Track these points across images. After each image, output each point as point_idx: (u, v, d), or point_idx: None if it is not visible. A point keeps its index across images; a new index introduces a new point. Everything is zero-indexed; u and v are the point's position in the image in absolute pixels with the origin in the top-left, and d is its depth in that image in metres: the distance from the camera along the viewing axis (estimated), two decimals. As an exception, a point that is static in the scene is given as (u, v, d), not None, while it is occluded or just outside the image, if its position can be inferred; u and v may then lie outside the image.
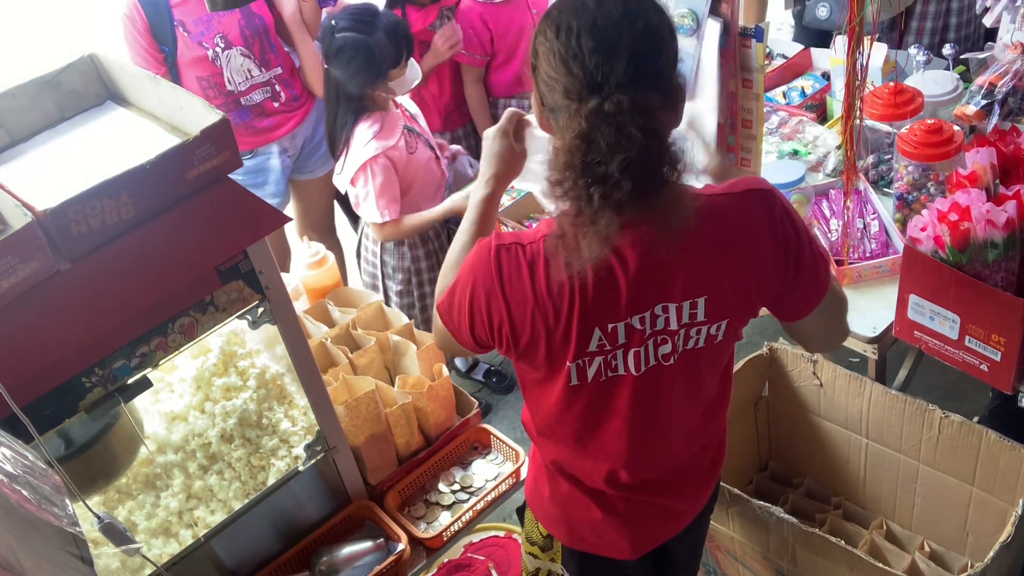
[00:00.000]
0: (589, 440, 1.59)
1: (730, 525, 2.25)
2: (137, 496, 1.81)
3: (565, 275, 1.36)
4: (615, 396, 1.52)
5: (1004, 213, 1.92)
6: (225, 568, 1.84)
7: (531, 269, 1.39)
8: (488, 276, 1.42)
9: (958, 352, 2.11)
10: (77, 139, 1.66)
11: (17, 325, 1.37)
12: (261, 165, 3.16)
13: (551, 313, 1.40)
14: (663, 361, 1.48)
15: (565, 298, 1.39)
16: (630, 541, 1.71)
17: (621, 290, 1.40)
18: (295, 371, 1.77)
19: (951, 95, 2.73)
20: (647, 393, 1.52)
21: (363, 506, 1.99)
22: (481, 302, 1.44)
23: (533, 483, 1.78)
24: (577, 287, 1.38)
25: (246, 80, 2.99)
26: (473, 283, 1.44)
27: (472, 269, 1.45)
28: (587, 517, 1.69)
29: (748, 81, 1.86)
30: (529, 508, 1.81)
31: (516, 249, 1.40)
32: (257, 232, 1.57)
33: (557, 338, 1.43)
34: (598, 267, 1.35)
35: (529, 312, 1.41)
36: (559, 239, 1.34)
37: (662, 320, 1.44)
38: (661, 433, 1.59)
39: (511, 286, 1.41)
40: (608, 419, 1.55)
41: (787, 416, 2.56)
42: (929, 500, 2.36)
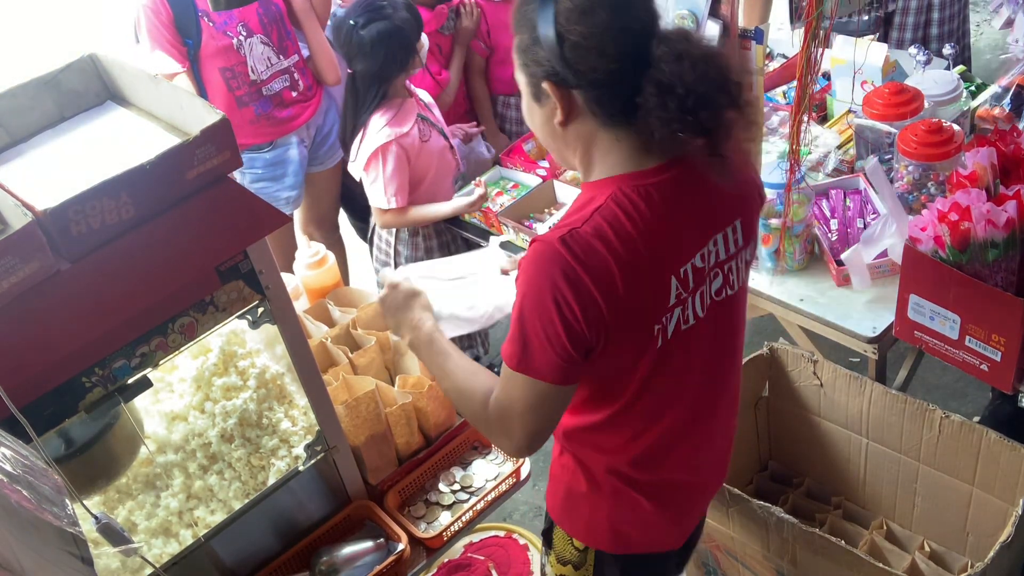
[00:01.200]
0: (663, 414, 1.57)
1: (730, 525, 2.25)
2: (137, 496, 1.81)
3: (634, 230, 1.37)
4: (690, 350, 1.52)
5: (1004, 213, 1.92)
6: (225, 568, 1.84)
7: (602, 240, 1.36)
8: (566, 267, 1.35)
9: (958, 352, 2.11)
10: (77, 139, 1.66)
11: (17, 325, 1.37)
12: (280, 157, 3.16)
13: (635, 274, 1.38)
14: (716, 297, 1.51)
15: (641, 252, 1.38)
16: (679, 526, 1.72)
17: (683, 229, 1.42)
18: (295, 371, 1.77)
19: (951, 95, 2.73)
20: (710, 339, 1.54)
21: (363, 506, 1.99)
22: (569, 297, 1.35)
23: (564, 498, 1.71)
24: (650, 236, 1.39)
25: (267, 68, 3.00)
26: (552, 287, 1.36)
27: (541, 275, 1.37)
28: (636, 515, 1.66)
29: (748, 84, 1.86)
30: (558, 527, 1.75)
31: (576, 233, 1.37)
32: (257, 232, 1.56)
33: (646, 299, 1.41)
34: (661, 211, 1.39)
35: (617, 282, 1.37)
36: (634, 190, 1.38)
37: (713, 254, 1.47)
38: (719, 388, 1.62)
39: (591, 264, 1.36)
40: (686, 376, 1.55)
41: (787, 416, 2.56)
42: (929, 500, 2.36)
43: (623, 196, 1.39)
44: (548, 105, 1.42)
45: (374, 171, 2.77)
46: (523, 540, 2.69)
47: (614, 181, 1.41)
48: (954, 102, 2.73)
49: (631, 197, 1.39)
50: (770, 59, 3.36)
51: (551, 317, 1.37)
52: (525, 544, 2.68)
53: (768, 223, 2.46)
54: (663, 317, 1.45)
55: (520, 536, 2.70)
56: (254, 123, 3.04)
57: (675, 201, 1.41)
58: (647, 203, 1.39)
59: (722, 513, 2.24)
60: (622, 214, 1.38)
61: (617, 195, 1.39)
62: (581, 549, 1.73)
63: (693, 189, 1.43)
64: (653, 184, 1.40)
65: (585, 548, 1.73)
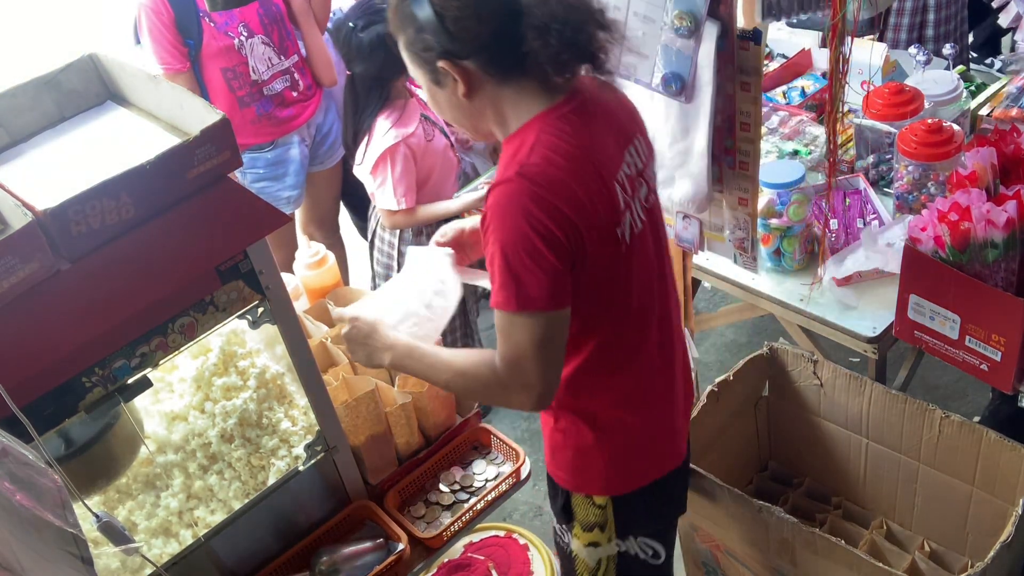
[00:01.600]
0: (639, 333, 1.69)
1: (730, 525, 2.25)
2: (137, 496, 1.81)
3: (571, 149, 1.50)
4: (646, 255, 1.66)
5: (1004, 213, 1.92)
6: (225, 568, 1.84)
7: (551, 164, 1.48)
8: (531, 194, 1.46)
9: (958, 352, 2.11)
10: (77, 139, 1.66)
11: (17, 325, 1.37)
12: (281, 156, 3.17)
13: (588, 183, 1.51)
14: (645, 204, 1.65)
15: (585, 165, 1.52)
16: (674, 443, 1.85)
17: (606, 143, 1.57)
18: (295, 371, 1.77)
19: (951, 95, 2.73)
20: (654, 247, 1.68)
21: (363, 506, 1.99)
22: (542, 217, 1.46)
23: (574, 460, 1.79)
24: (586, 151, 1.52)
25: (268, 68, 3.01)
26: (525, 215, 1.46)
27: (512, 209, 1.47)
28: (640, 443, 1.78)
29: (746, 84, 1.85)
30: (575, 494, 1.83)
31: (527, 166, 1.48)
32: (257, 232, 1.57)
33: (603, 204, 1.54)
34: (584, 132, 1.53)
35: (578, 193, 1.49)
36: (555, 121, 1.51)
37: (633, 164, 1.63)
38: (670, 302, 1.76)
39: (551, 185, 1.47)
40: (647, 286, 1.68)
41: (787, 416, 2.56)
42: (929, 500, 2.36)
43: (549, 127, 1.52)
44: (449, 84, 1.54)
45: (382, 174, 2.76)
46: (523, 540, 2.69)
47: (534, 122, 1.53)
48: (954, 102, 2.73)
49: (556, 125, 1.52)
50: (770, 59, 3.36)
51: (532, 242, 1.46)
52: (525, 544, 2.68)
53: (768, 223, 2.46)
54: (620, 221, 1.58)
55: (520, 536, 2.70)
56: (255, 123, 3.04)
57: (590, 122, 1.56)
58: (571, 127, 1.53)
59: (722, 513, 2.24)
60: (557, 140, 1.51)
61: (544, 128, 1.52)
62: (602, 505, 1.82)
63: (598, 110, 1.59)
64: (567, 112, 1.54)
65: (605, 503, 1.81)
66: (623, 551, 1.89)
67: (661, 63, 1.85)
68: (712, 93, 1.82)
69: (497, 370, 1.55)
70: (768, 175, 2.47)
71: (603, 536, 1.86)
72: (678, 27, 1.78)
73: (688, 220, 2.13)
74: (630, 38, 1.88)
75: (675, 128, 1.94)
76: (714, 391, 2.42)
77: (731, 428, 2.53)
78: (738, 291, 2.59)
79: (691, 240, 2.16)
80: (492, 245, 1.49)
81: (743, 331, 3.60)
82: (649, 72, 1.88)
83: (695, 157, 1.93)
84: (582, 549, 1.89)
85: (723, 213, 2.07)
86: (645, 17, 1.83)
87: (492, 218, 1.49)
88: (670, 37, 1.80)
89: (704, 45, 1.78)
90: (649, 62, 1.87)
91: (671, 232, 2.21)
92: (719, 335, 3.61)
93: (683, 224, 2.16)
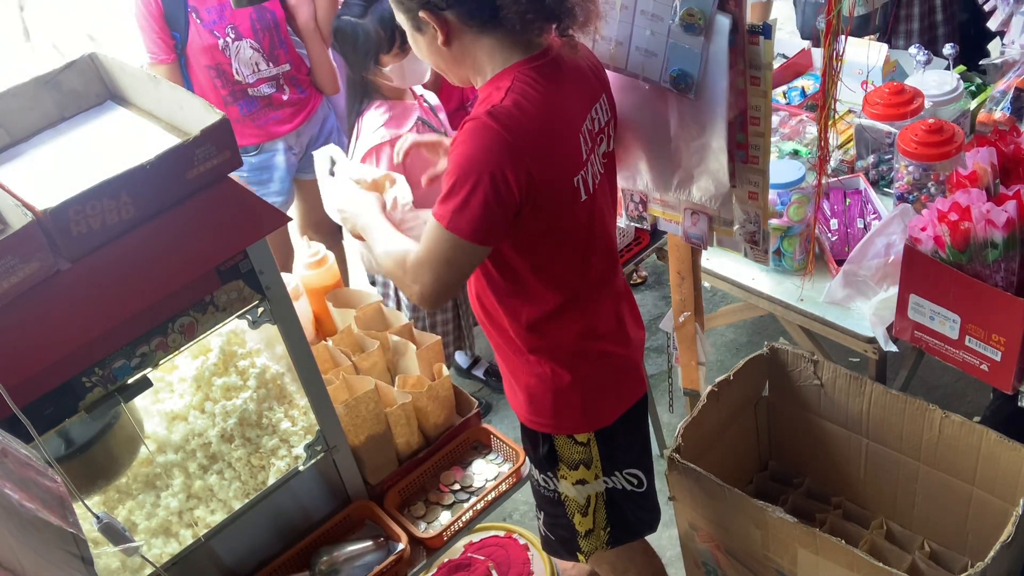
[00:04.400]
0: (601, 259, 1.86)
1: (730, 525, 2.25)
2: (137, 496, 1.81)
3: (540, 97, 1.64)
4: (603, 206, 1.84)
5: (1004, 213, 1.92)
6: (225, 568, 1.84)
7: (520, 109, 1.62)
8: (496, 136, 1.59)
9: (958, 352, 2.11)
10: (77, 139, 1.66)
11: (17, 325, 1.37)
12: (266, 162, 3.17)
13: (552, 131, 1.66)
14: (603, 160, 1.82)
15: (552, 113, 1.66)
16: (639, 364, 2.02)
17: (573, 97, 1.72)
18: (295, 371, 1.77)
19: (951, 95, 2.73)
20: (610, 198, 1.88)
21: (363, 506, 1.99)
22: (503, 164, 1.59)
23: (555, 402, 1.92)
24: (554, 101, 1.67)
25: (253, 73, 3.02)
26: (486, 157, 1.59)
27: (476, 146, 1.60)
28: (613, 373, 1.95)
29: (756, 79, 1.86)
30: (558, 436, 1.97)
31: (498, 107, 1.61)
32: (257, 232, 1.57)
33: (565, 152, 1.69)
34: (554, 84, 1.67)
35: (541, 139, 1.64)
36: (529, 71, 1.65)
37: (597, 120, 1.78)
38: (612, 226, 1.94)
39: (516, 129, 1.60)
40: (605, 230, 1.87)
41: (787, 416, 2.56)
42: (929, 500, 2.36)
43: (523, 76, 1.66)
44: (428, 32, 1.68)
45: None
46: (523, 540, 2.69)
47: (510, 70, 1.67)
48: (954, 102, 2.73)
49: (530, 75, 1.66)
50: (770, 59, 3.36)
51: (481, 180, 1.59)
52: (525, 544, 2.68)
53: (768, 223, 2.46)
54: (581, 170, 1.73)
55: (520, 536, 2.70)
56: (239, 123, 3.06)
57: (560, 76, 1.70)
58: (543, 78, 1.67)
59: (722, 513, 2.24)
60: (528, 88, 1.64)
61: (518, 76, 1.65)
62: (584, 442, 1.96)
63: (568, 66, 1.73)
64: (539, 65, 1.68)
65: (587, 439, 1.96)
66: (610, 487, 2.04)
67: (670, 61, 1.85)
68: (726, 89, 1.83)
69: (406, 262, 1.73)
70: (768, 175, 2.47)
71: (589, 473, 1.99)
72: (687, 24, 1.78)
73: (697, 216, 2.13)
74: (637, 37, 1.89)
75: (691, 126, 1.94)
76: (714, 391, 2.42)
77: (731, 428, 2.53)
78: (738, 291, 2.59)
79: (700, 236, 2.16)
80: (451, 164, 1.63)
81: (743, 331, 3.60)
82: (658, 71, 1.88)
83: (714, 153, 1.93)
84: (570, 488, 2.02)
85: (733, 207, 2.07)
86: (653, 16, 1.83)
87: (457, 145, 1.63)
88: (678, 34, 1.80)
89: (716, 40, 1.78)
90: (657, 60, 1.87)
91: (678, 229, 2.21)
92: (719, 335, 3.61)
93: (691, 220, 2.16)
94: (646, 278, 3.92)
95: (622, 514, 2.08)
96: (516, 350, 1.92)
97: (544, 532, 2.19)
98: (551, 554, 2.27)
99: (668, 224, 2.22)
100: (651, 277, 3.92)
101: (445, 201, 1.63)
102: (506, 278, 1.81)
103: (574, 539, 2.09)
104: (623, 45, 1.92)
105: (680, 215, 2.17)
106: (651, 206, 2.21)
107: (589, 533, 2.08)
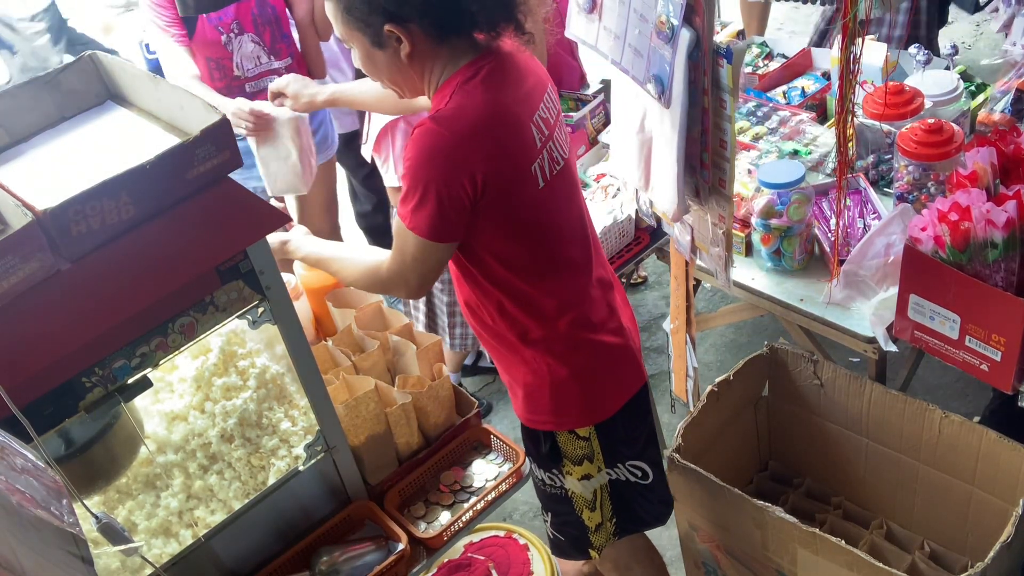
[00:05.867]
0: (577, 248, 1.88)
1: (730, 525, 2.25)
2: (137, 496, 1.81)
3: (488, 92, 1.67)
4: (566, 191, 1.84)
5: (1004, 213, 1.92)
6: (225, 568, 1.84)
7: (463, 109, 1.66)
8: (440, 140, 1.64)
9: (958, 352, 2.11)
10: (77, 139, 1.66)
11: (17, 325, 1.37)
12: (248, 147, 3.20)
13: (500, 122, 1.69)
14: (562, 151, 1.83)
15: (500, 105, 1.69)
16: (637, 353, 2.01)
17: (522, 88, 1.74)
18: (295, 371, 1.77)
19: (951, 95, 2.73)
20: (571, 181, 1.88)
21: (363, 506, 1.99)
22: (446, 169, 1.64)
23: (553, 398, 1.93)
24: (503, 92, 1.70)
25: (256, 67, 3.05)
26: (430, 163, 1.64)
27: (422, 153, 1.65)
28: (609, 363, 1.95)
29: (722, 102, 1.84)
30: (560, 432, 1.97)
31: (441, 112, 1.66)
32: (257, 232, 1.57)
33: (516, 143, 1.71)
34: (504, 78, 1.71)
35: (487, 134, 1.67)
36: (475, 72, 1.68)
37: (548, 109, 1.80)
38: (588, 224, 1.95)
39: (460, 131, 1.65)
40: (573, 217, 1.88)
41: (787, 416, 2.56)
42: (929, 500, 2.36)
43: (471, 74, 1.68)
44: (390, 47, 1.68)
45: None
46: (523, 540, 2.69)
47: (458, 74, 1.70)
48: (954, 102, 2.73)
49: (479, 74, 1.69)
50: (770, 59, 3.36)
51: (430, 183, 1.64)
52: (525, 544, 2.68)
53: (768, 223, 2.46)
54: (537, 158, 1.75)
55: (520, 536, 2.70)
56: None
57: (509, 71, 1.74)
58: (491, 73, 1.70)
59: (722, 513, 2.24)
60: (473, 88, 1.67)
61: (465, 79, 1.68)
62: (586, 436, 1.97)
63: (517, 62, 1.76)
64: (484, 65, 1.70)
65: (588, 433, 1.96)
66: (614, 478, 2.04)
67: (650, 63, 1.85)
68: (683, 103, 1.82)
69: (380, 272, 1.82)
70: (768, 175, 2.47)
71: (593, 467, 2.00)
72: (660, 30, 1.78)
73: (683, 226, 2.13)
74: (629, 34, 1.89)
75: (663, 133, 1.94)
76: (714, 391, 2.42)
77: (731, 428, 2.53)
78: (738, 291, 2.59)
79: (686, 246, 2.17)
80: (404, 169, 1.67)
81: (743, 331, 3.60)
82: (642, 71, 1.89)
83: (670, 166, 1.94)
84: (577, 484, 2.02)
85: (707, 224, 2.08)
86: (641, 16, 1.83)
87: (408, 152, 1.67)
88: (655, 39, 1.80)
89: (679, 53, 1.77)
90: (643, 61, 1.87)
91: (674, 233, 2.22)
92: (719, 335, 3.61)
93: (679, 229, 2.17)
94: (646, 278, 3.92)
95: (627, 504, 2.09)
96: (510, 347, 1.92)
97: (553, 535, 2.17)
98: (562, 557, 2.23)
99: (668, 227, 2.22)
100: (651, 277, 3.92)
101: (404, 203, 1.69)
102: (484, 275, 1.83)
103: (584, 536, 2.09)
104: (620, 39, 1.93)
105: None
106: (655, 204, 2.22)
107: (599, 528, 2.08)
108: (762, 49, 3.40)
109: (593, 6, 1.99)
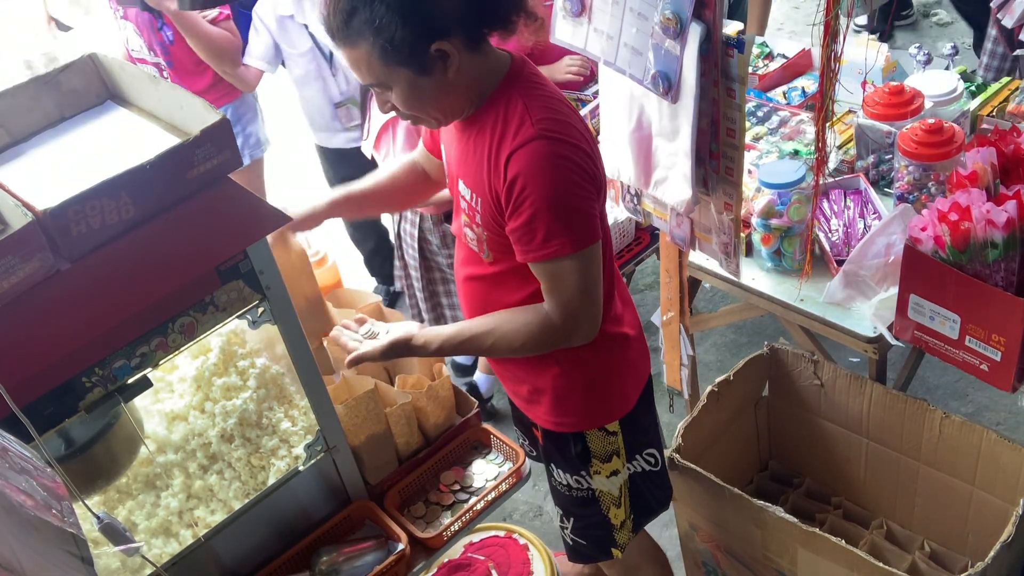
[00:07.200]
0: (608, 244, 1.86)
1: (730, 525, 2.25)
2: (137, 496, 1.81)
3: (556, 96, 1.69)
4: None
5: (1004, 213, 1.92)
6: (225, 568, 1.84)
7: (557, 113, 1.64)
8: (559, 144, 1.61)
9: (958, 352, 2.11)
10: (77, 139, 1.66)
11: (17, 325, 1.37)
12: None
13: (581, 122, 1.69)
14: None
15: (572, 109, 1.70)
16: (645, 341, 2.05)
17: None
18: (295, 371, 1.77)
19: (951, 95, 2.73)
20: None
21: (363, 506, 1.99)
22: (579, 164, 1.62)
23: (584, 396, 1.93)
24: (565, 99, 1.71)
25: (137, 51, 3.29)
26: (561, 166, 1.60)
27: (545, 163, 1.59)
28: (631, 354, 1.97)
29: (731, 91, 1.85)
30: (590, 432, 1.97)
31: (541, 124, 1.61)
32: (257, 232, 1.56)
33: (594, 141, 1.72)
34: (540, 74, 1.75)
35: (585, 135, 1.67)
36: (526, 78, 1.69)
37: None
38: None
39: (569, 133, 1.62)
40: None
41: (787, 416, 2.56)
42: (929, 500, 2.36)
43: (526, 85, 1.66)
44: (437, 69, 1.59)
45: (385, 147, 2.74)
46: (523, 540, 2.69)
47: (506, 80, 1.67)
48: (954, 102, 2.73)
49: (531, 80, 1.68)
50: (770, 59, 3.36)
51: (575, 187, 1.61)
52: (525, 544, 2.67)
53: (768, 223, 2.46)
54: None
55: (520, 536, 2.70)
56: None
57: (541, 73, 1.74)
58: (540, 79, 1.69)
59: (722, 513, 2.24)
60: (542, 93, 1.66)
61: (523, 88, 1.66)
62: (614, 431, 1.99)
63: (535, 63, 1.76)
64: (528, 70, 1.69)
65: (616, 428, 1.98)
66: (633, 472, 2.06)
67: (652, 61, 1.86)
68: (696, 95, 1.83)
69: (553, 321, 1.70)
70: (768, 175, 2.47)
71: (619, 462, 2.02)
72: (666, 27, 1.79)
73: (680, 218, 2.14)
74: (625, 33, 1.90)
75: (668, 128, 1.95)
76: (714, 391, 2.42)
77: (731, 428, 2.53)
78: (738, 291, 2.59)
79: (683, 238, 2.17)
80: (533, 205, 1.60)
81: (743, 331, 3.60)
82: (642, 69, 1.89)
83: (682, 158, 1.95)
84: (605, 483, 2.03)
85: (711, 216, 2.08)
86: (639, 14, 1.84)
87: (527, 180, 1.59)
88: (659, 36, 1.81)
89: (688, 47, 1.78)
90: (642, 59, 1.88)
91: (666, 227, 2.22)
92: (719, 335, 3.61)
93: (676, 221, 2.17)
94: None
95: (643, 496, 2.11)
96: (545, 354, 1.86)
97: (573, 540, 2.15)
98: (583, 562, 2.20)
99: (659, 221, 2.23)
100: (652, 277, 3.92)
101: (555, 234, 1.61)
102: (529, 280, 1.76)
103: (609, 535, 2.09)
104: (613, 39, 1.93)
105: (667, 214, 2.18)
106: (644, 200, 2.22)
107: (623, 524, 2.10)
108: (762, 49, 3.40)
109: (582, 9, 1.99)
